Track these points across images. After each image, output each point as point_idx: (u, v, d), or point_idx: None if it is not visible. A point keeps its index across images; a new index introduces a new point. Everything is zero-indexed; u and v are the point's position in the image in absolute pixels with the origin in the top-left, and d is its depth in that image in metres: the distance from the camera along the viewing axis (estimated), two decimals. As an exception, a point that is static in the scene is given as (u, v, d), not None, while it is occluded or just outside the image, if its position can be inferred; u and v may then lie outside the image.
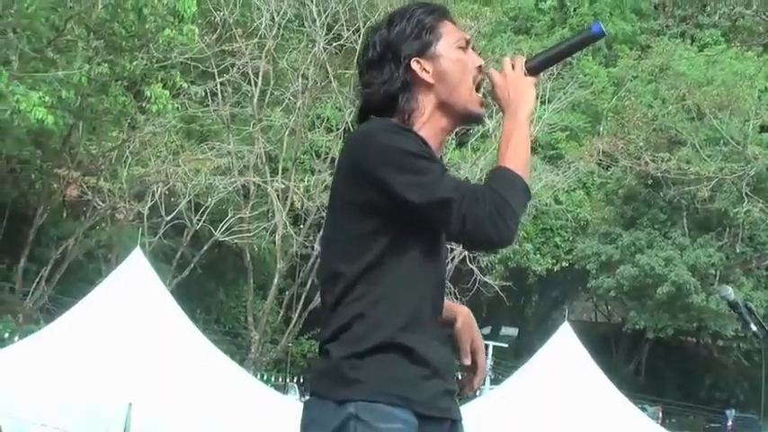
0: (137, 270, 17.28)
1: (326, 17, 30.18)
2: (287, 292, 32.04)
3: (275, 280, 30.14)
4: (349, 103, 29.89)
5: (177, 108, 26.73)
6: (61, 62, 23.74)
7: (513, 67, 3.04)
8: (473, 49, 3.08)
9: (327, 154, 30.84)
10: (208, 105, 29.78)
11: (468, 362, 3.15)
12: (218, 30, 29.29)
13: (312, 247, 30.61)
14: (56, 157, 28.32)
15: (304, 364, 36.68)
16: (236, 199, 30.16)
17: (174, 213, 28.81)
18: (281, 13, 29.91)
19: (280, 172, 29.86)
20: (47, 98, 21.37)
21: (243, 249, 30.44)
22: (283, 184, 29.58)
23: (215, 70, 28.96)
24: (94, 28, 23.82)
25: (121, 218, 30.48)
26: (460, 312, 3.22)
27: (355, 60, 2.89)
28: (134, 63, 24.47)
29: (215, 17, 29.18)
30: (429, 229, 2.94)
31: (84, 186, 29.77)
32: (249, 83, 29.87)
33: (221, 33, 29.27)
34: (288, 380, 34.59)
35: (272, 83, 30.15)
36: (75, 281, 27.55)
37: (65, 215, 33.20)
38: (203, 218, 29.08)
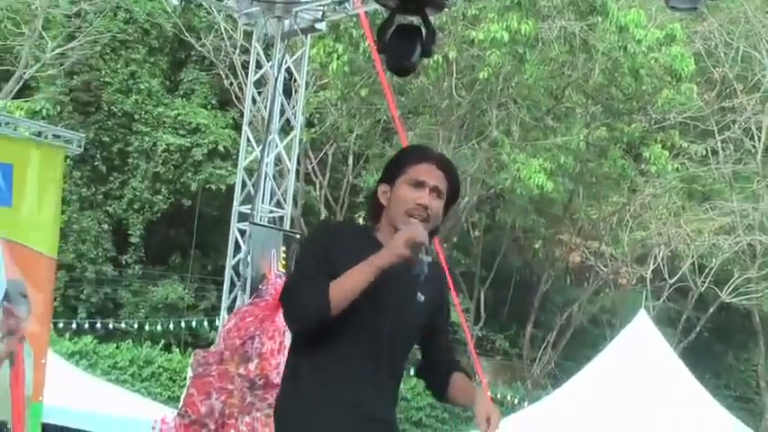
0: (642, 333, 17.02)
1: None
2: None
3: None
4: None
5: (677, 168, 26.40)
6: (560, 129, 24.23)
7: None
8: (432, 190, 3.69)
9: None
10: (708, 164, 29.03)
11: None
12: (716, 86, 28.62)
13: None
14: (558, 223, 28.78)
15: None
16: (742, 259, 29.04)
17: (677, 276, 28.25)
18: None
19: None
20: (546, 165, 21.92)
21: (751, 311, 29.24)
22: None
23: (715, 128, 28.23)
24: (592, 93, 24.18)
25: (624, 282, 30.36)
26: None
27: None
28: (632, 126, 24.57)
29: (713, 74, 28.55)
30: None
31: (587, 252, 29.98)
32: (752, 138, 28.83)
33: (720, 90, 28.56)
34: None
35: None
36: (580, 346, 27.69)
37: (568, 281, 33.55)
38: (707, 279, 28.23)
